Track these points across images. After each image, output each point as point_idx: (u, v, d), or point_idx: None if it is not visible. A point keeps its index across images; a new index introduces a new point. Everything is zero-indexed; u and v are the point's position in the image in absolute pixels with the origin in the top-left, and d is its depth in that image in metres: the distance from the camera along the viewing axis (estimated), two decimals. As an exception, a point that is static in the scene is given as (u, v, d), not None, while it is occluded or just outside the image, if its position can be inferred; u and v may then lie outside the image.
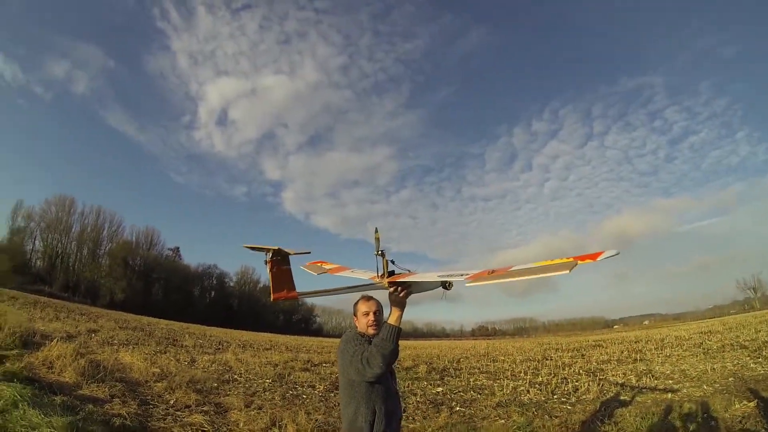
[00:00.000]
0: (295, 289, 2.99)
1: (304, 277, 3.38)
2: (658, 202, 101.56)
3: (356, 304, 3.00)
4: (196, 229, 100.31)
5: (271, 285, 2.94)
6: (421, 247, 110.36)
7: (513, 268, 2.15)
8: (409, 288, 2.67)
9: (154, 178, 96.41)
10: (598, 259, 1.93)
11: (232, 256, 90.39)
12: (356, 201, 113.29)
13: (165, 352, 12.82)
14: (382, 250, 2.84)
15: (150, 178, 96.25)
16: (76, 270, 56.12)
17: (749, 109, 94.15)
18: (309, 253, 3.16)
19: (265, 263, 2.91)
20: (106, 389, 6.83)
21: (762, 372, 9.41)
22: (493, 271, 2.22)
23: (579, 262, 1.90)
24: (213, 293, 74.49)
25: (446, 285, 2.89)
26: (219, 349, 16.42)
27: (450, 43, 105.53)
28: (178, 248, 72.11)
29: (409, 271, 2.86)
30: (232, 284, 75.97)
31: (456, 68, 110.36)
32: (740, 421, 6.09)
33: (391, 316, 2.60)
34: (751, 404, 6.64)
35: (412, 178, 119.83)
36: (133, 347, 12.72)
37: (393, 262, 2.86)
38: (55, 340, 9.52)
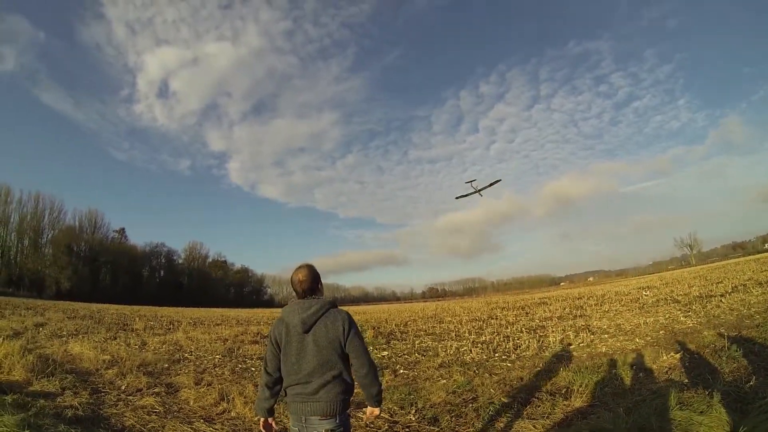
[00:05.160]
0: None
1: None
2: (603, 164, 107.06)
3: None
4: (141, 207, 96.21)
5: None
6: (368, 212, 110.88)
7: None
8: None
9: (93, 157, 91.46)
10: None
11: (179, 232, 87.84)
12: (302, 168, 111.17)
13: (115, 338, 12.68)
14: None
15: (89, 156, 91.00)
16: (19, 262, 53.68)
17: (691, 77, 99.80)
18: None
19: None
20: (57, 382, 6.84)
21: (690, 325, 9.84)
22: None
23: None
24: (162, 272, 73.12)
25: None
26: (170, 329, 16.30)
27: (397, 6, 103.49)
28: (123, 229, 70.68)
29: None
30: (180, 261, 74.79)
31: (403, 31, 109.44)
32: (666, 372, 6.37)
33: None
34: (677, 356, 6.94)
35: (358, 143, 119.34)
36: (83, 336, 12.57)
37: None
38: (0, 339, 9.51)
